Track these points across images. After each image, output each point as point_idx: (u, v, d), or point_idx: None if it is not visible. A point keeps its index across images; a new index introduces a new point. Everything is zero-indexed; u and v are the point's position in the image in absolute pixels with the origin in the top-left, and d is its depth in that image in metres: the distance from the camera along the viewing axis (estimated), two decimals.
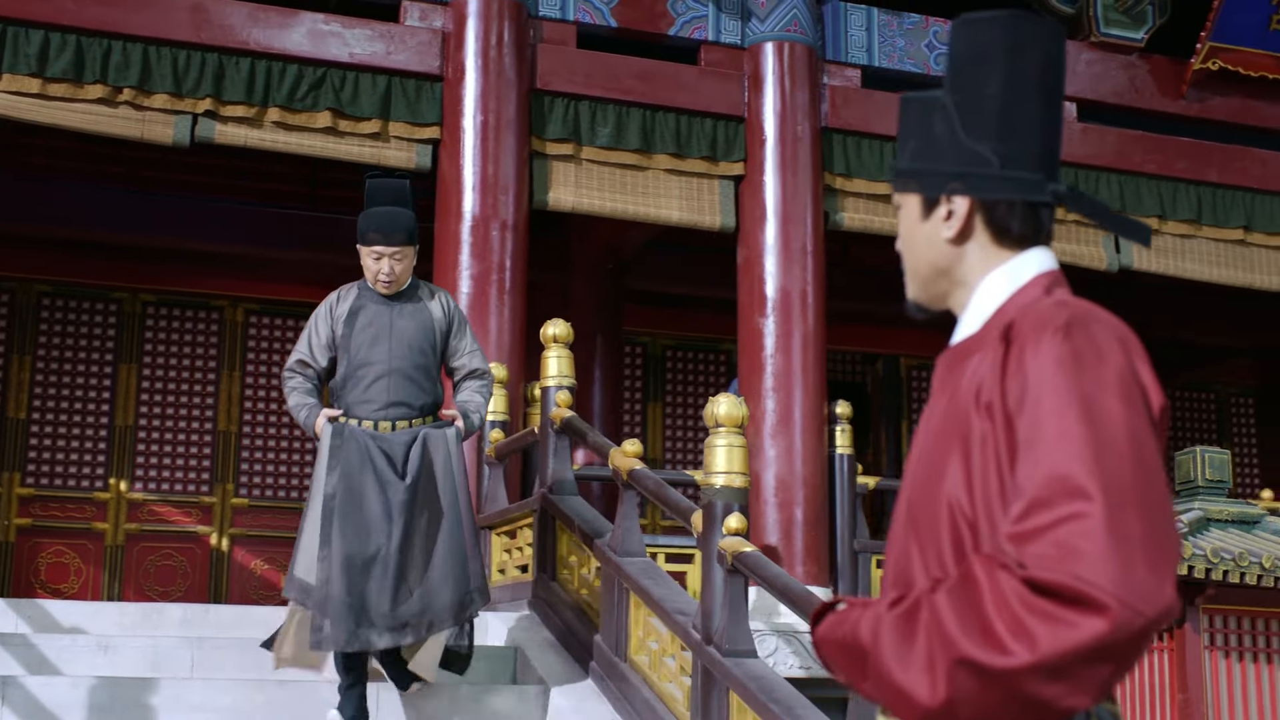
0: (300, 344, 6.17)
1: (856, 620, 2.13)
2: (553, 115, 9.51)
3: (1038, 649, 1.86)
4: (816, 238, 9.82)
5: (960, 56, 2.34)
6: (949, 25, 8.56)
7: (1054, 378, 2.02)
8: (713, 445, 5.97)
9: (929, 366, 15.56)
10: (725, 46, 10.01)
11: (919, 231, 2.33)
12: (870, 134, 10.18)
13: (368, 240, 6.01)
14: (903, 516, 2.26)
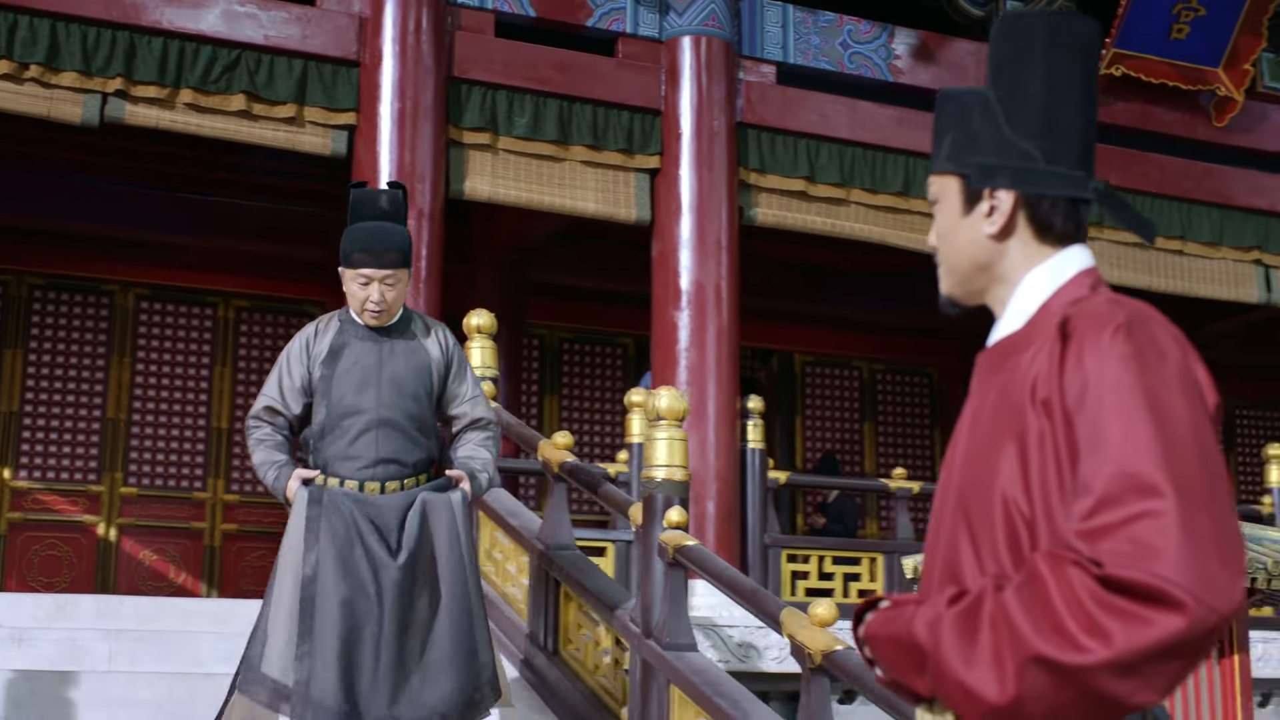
0: (268, 387, 5.16)
1: (910, 617, 2.12)
2: (470, 104, 9.42)
3: (1113, 646, 1.87)
4: (731, 233, 9.84)
5: (1004, 53, 2.35)
6: (863, 24, 8.56)
7: (1118, 376, 2.02)
8: (653, 438, 5.95)
9: (825, 363, 15.71)
10: (643, 39, 9.99)
11: (960, 226, 2.33)
12: (785, 130, 10.22)
13: (353, 262, 5.00)
14: (949, 510, 2.26)
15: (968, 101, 2.35)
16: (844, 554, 9.82)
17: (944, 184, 2.36)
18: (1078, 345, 2.10)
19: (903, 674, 2.16)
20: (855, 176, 10.35)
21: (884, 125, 10.51)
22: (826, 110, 10.37)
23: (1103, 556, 1.90)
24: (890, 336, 15.64)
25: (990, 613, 2.00)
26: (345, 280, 5.06)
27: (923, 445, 16.06)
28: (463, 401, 5.30)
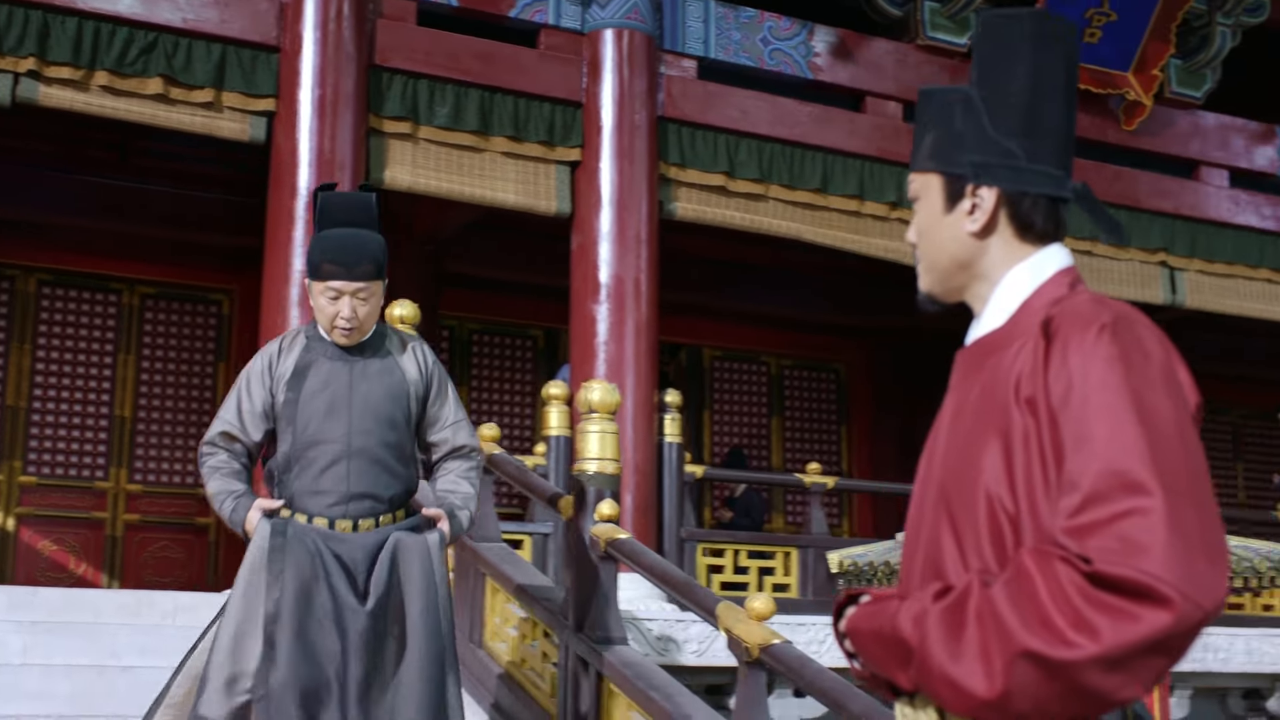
0: (225, 409, 4.64)
1: (894, 612, 2.14)
2: (391, 92, 9.33)
3: (1101, 641, 1.90)
4: (651, 226, 9.84)
5: (987, 52, 2.37)
6: (784, 21, 8.59)
7: (1104, 375, 2.05)
8: (585, 431, 5.94)
9: (733, 357, 15.77)
10: (565, 31, 9.96)
11: (941, 224, 2.34)
12: (705, 125, 10.24)
13: (321, 273, 4.49)
14: (931, 504, 2.28)
15: (949, 100, 2.37)
16: (759, 548, 9.87)
17: (925, 182, 2.37)
18: (1062, 344, 2.12)
19: (885, 668, 2.17)
20: (774, 172, 10.40)
21: (803, 122, 10.56)
22: (747, 106, 10.41)
23: (1091, 553, 1.93)
24: (799, 332, 15.74)
25: (977, 608, 2.02)
26: (312, 294, 4.54)
27: (830, 441, 16.18)
28: (444, 426, 4.74)
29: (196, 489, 12.90)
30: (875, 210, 10.73)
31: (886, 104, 10.94)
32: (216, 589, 11.77)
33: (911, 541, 2.34)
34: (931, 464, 2.34)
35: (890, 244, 10.78)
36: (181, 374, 13.15)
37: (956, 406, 2.32)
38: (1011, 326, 2.27)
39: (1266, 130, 12.54)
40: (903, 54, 11.04)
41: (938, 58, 11.13)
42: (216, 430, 4.64)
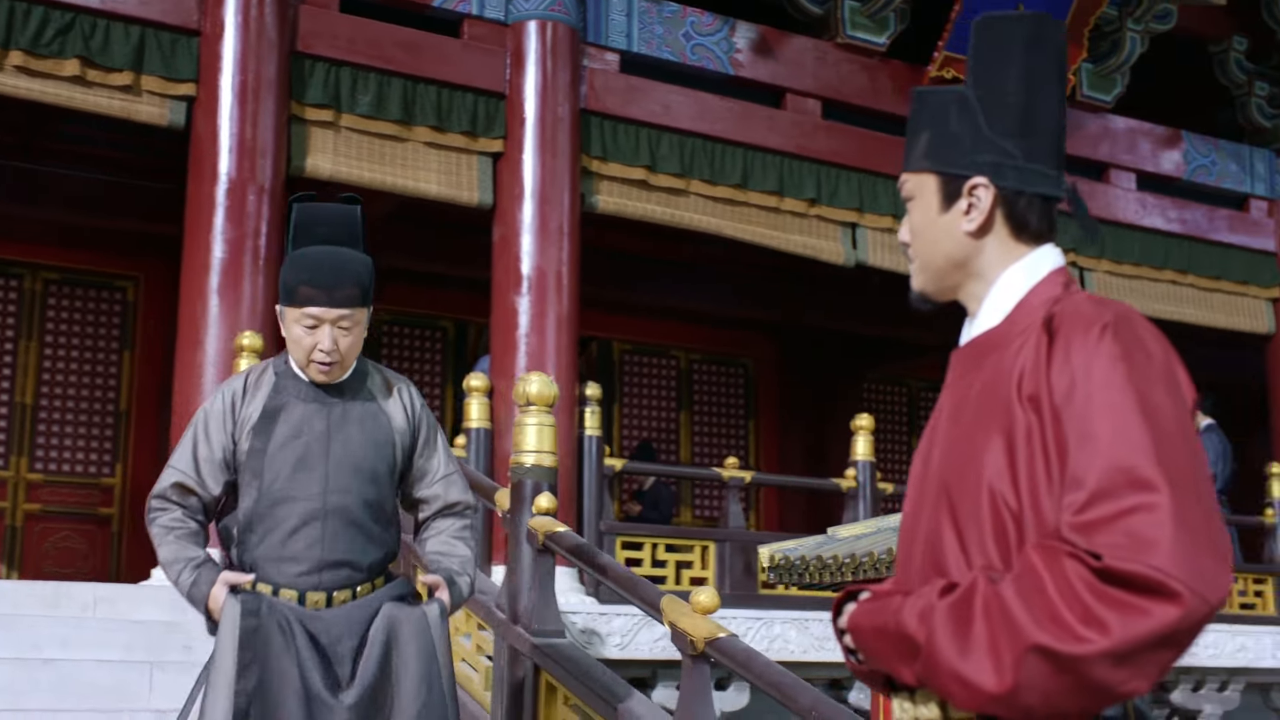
0: (178, 457, 3.98)
1: (898, 609, 2.16)
2: (313, 80, 9.23)
3: (1111, 635, 1.94)
4: (573, 219, 9.83)
5: (984, 52, 2.40)
6: (706, 16, 8.60)
7: (1108, 373, 2.09)
8: (523, 424, 5.92)
9: (643, 351, 15.79)
10: (489, 21, 9.91)
11: (937, 223, 2.37)
12: (628, 119, 10.25)
13: (296, 298, 3.88)
14: (930, 500, 2.30)
15: (944, 101, 2.39)
16: (677, 542, 9.89)
17: (920, 181, 2.40)
18: (1065, 342, 2.15)
19: (889, 663, 2.19)
20: (695, 168, 10.43)
21: (724, 118, 10.60)
22: (669, 101, 10.43)
23: (1100, 548, 1.96)
24: (708, 327, 15.80)
25: (984, 604, 2.04)
26: (285, 322, 3.93)
27: (738, 435, 16.26)
28: (434, 480, 4.12)
29: (100, 479, 12.69)
30: (794, 207, 10.80)
31: (806, 101, 11.01)
32: (119, 580, 11.59)
33: (909, 536, 2.36)
34: (929, 460, 2.35)
35: (809, 240, 10.85)
36: (85, 361, 12.92)
37: (956, 404, 2.34)
38: (1009, 325, 2.30)
39: (1173, 134, 12.79)
40: (822, 52, 11.12)
41: (857, 56, 11.22)
42: (168, 481, 3.95)
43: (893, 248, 11.14)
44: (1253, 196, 13.17)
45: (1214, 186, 12.98)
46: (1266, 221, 13.21)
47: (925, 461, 2.37)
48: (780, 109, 10.93)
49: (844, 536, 6.53)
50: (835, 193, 10.89)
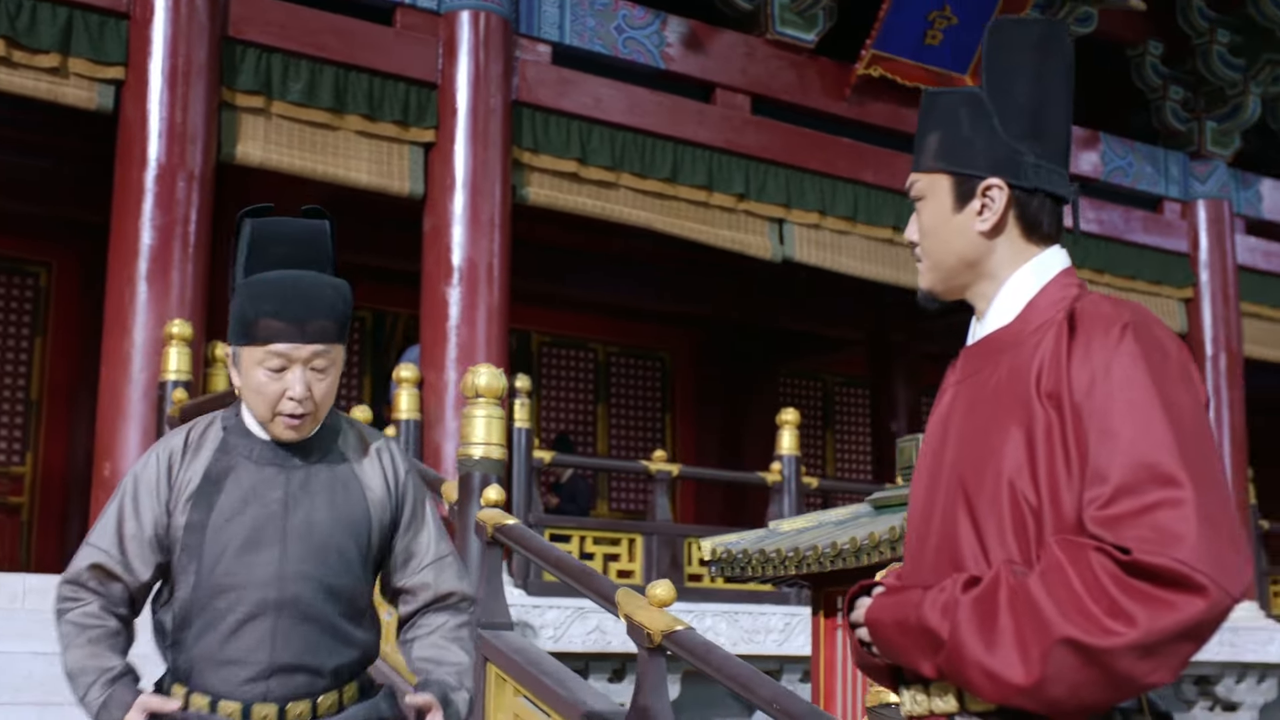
0: (98, 532, 3.12)
1: (919, 602, 2.19)
2: (244, 65, 9.12)
3: (1138, 628, 1.98)
4: (504, 211, 9.80)
5: (996, 56, 2.43)
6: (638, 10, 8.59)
7: (1129, 372, 2.13)
8: (471, 416, 5.90)
9: (561, 344, 15.78)
10: (422, 10, 9.85)
11: (950, 223, 2.40)
12: (559, 111, 10.23)
13: (258, 334, 3.01)
14: (944, 495, 2.32)
15: (954, 102, 2.42)
16: (605, 534, 9.90)
17: (932, 181, 2.42)
18: (1085, 341, 2.19)
19: (908, 657, 2.22)
20: (625, 161, 10.43)
21: (655, 111, 10.62)
22: (600, 93, 10.42)
23: (1128, 542, 2.01)
24: (626, 320, 15.82)
25: (1009, 598, 2.08)
26: (242, 367, 3.06)
27: (654, 428, 16.30)
28: (421, 565, 3.23)
29: (10, 467, 12.47)
30: (723, 202, 10.84)
31: (735, 96, 11.06)
32: (30, 570, 11.39)
33: (921, 530, 2.38)
34: (940, 456, 2.38)
35: (737, 235, 10.90)
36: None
37: (970, 400, 2.36)
38: (1020, 324, 2.34)
39: (1091, 136, 13.00)
40: (752, 48, 11.17)
41: (786, 53, 11.28)
42: (84, 563, 3.08)
43: (819, 243, 11.22)
44: (1166, 199, 13.43)
45: (1130, 188, 13.21)
46: (1179, 223, 13.47)
47: (936, 457, 2.40)
48: (710, 104, 10.97)
49: (785, 530, 6.56)
50: (763, 188, 10.95)
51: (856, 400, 17.46)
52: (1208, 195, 13.49)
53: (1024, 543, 2.18)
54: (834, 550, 5.94)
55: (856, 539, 5.81)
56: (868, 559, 5.82)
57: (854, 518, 6.38)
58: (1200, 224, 13.44)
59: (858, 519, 6.32)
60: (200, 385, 8.51)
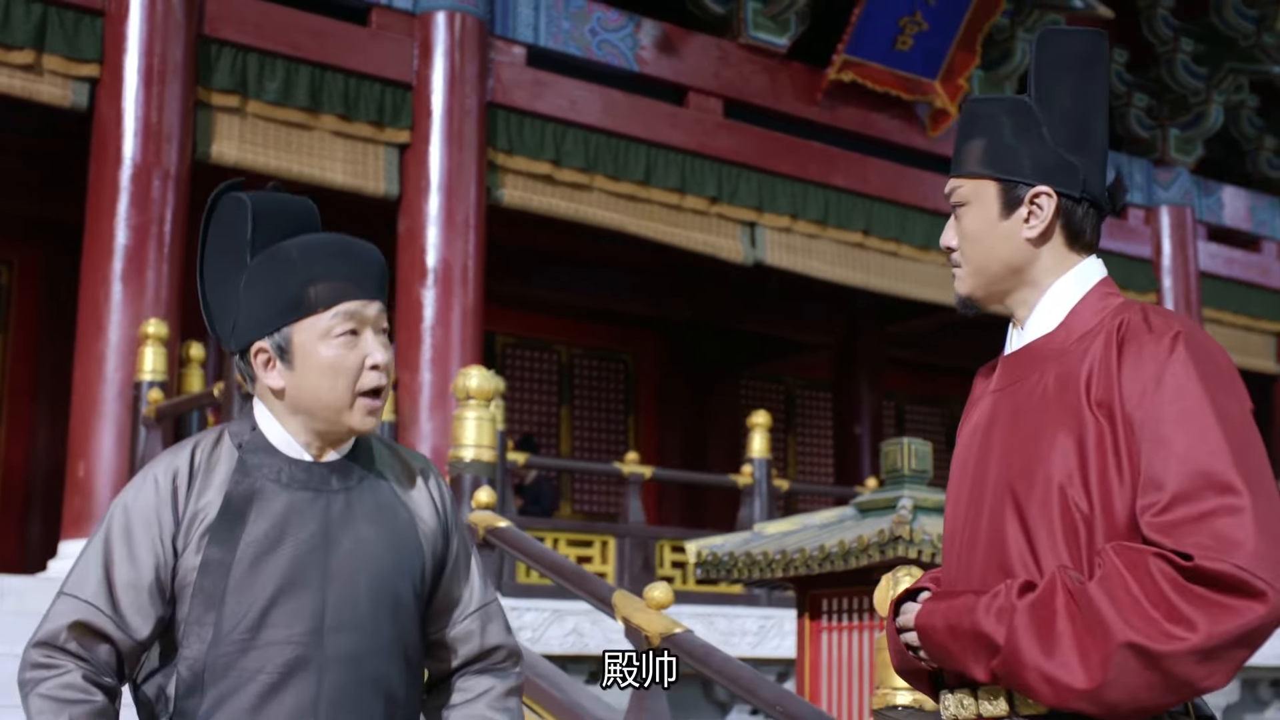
0: (80, 579, 2.44)
1: (972, 607, 2.21)
2: (220, 64, 9.07)
3: (1198, 632, 2.02)
4: (479, 212, 9.79)
5: (1044, 66, 2.44)
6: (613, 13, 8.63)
7: (1182, 381, 2.17)
8: (462, 418, 5.90)
9: (525, 345, 15.76)
10: (397, 11, 9.83)
11: (996, 229, 2.39)
12: (534, 113, 10.23)
13: (321, 297, 2.42)
14: (991, 500, 2.32)
15: (998, 110, 2.43)
16: (578, 536, 9.91)
17: (978, 187, 2.41)
18: (1136, 350, 2.22)
19: (960, 661, 2.23)
20: (599, 163, 10.45)
21: (628, 114, 10.64)
22: (575, 95, 10.43)
23: (1190, 548, 2.04)
24: (590, 322, 15.83)
25: (1066, 603, 2.11)
26: (296, 351, 2.43)
27: (617, 429, 16.31)
28: (466, 613, 2.60)
29: None
30: (695, 205, 10.87)
31: (708, 100, 11.09)
32: None
33: (966, 536, 2.39)
34: (983, 463, 2.38)
35: (709, 238, 10.93)
36: None
37: (1014, 408, 2.37)
38: (1064, 333, 2.35)
39: None
40: (725, 51, 11.21)
41: (759, 57, 11.33)
42: (63, 621, 2.39)
43: (790, 247, 11.27)
44: (1131, 205, 13.56)
45: None
46: (1143, 229, 13.62)
47: (978, 464, 2.40)
48: (683, 107, 11.00)
49: (770, 533, 6.59)
50: (735, 191, 10.99)
51: (819, 403, 17.53)
52: (1170, 201, 13.64)
53: (1075, 549, 2.21)
54: (822, 553, 5.97)
55: (845, 542, 5.85)
56: (856, 562, 5.86)
57: (839, 521, 6.42)
58: (1163, 230, 13.58)
59: (843, 522, 6.36)
60: (175, 386, 8.46)
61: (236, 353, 2.50)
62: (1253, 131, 14.53)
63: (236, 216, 2.48)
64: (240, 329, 2.47)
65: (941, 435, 17.73)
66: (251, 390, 2.52)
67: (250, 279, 2.45)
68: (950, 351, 16.86)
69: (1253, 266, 14.46)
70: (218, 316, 2.52)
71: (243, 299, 2.45)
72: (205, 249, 2.54)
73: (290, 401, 2.46)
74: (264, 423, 2.50)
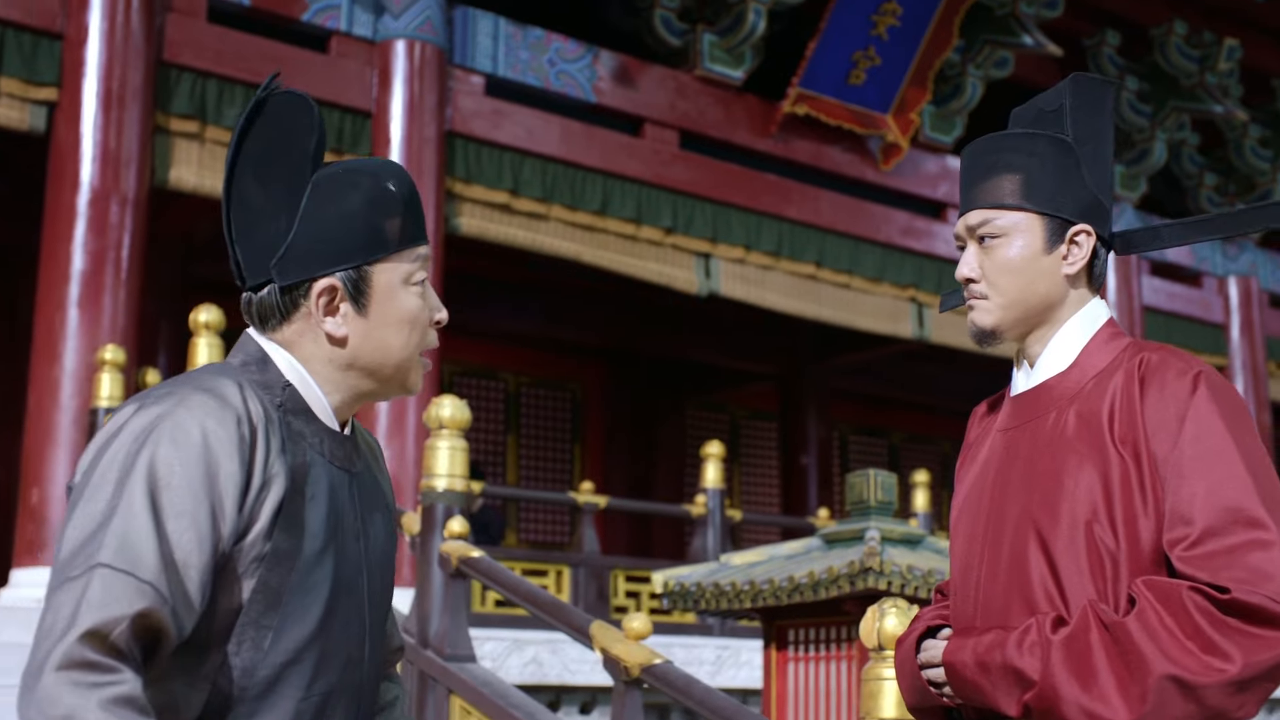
0: (124, 552, 1.79)
1: (1002, 643, 2.24)
2: (179, 90, 9.03)
3: (1235, 664, 2.08)
4: (438, 241, 9.79)
5: (1080, 108, 2.47)
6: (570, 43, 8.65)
7: (1207, 419, 2.23)
8: (435, 447, 5.89)
9: (472, 374, 15.73)
10: (357, 39, 9.82)
11: (1039, 263, 2.40)
12: (492, 142, 10.24)
13: (405, 234, 2.05)
14: (1011, 535, 2.36)
15: (1038, 146, 2.42)
16: (533, 566, 9.89)
17: (1017, 221, 2.40)
18: (1158, 389, 2.27)
19: (989, 696, 2.25)
20: (556, 192, 10.47)
21: (585, 144, 10.67)
22: (532, 125, 10.46)
23: (1226, 582, 2.10)
24: (537, 351, 15.82)
25: (1101, 637, 2.15)
26: (375, 294, 2.04)
27: (563, 459, 16.30)
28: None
29: None
30: (651, 235, 10.92)
31: (664, 131, 11.15)
32: None
33: (987, 572, 2.40)
34: (999, 499, 2.41)
35: (664, 269, 10.97)
36: None
37: (1031, 446, 2.40)
38: (1078, 373, 2.39)
39: None
40: (681, 83, 11.27)
41: (715, 89, 11.40)
42: (124, 609, 1.78)
43: (744, 278, 11.34)
44: None
45: None
46: None
47: (993, 501, 2.43)
48: (639, 138, 11.05)
49: (737, 564, 6.61)
50: (690, 222, 11.04)
51: (764, 434, 17.59)
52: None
53: (1101, 582, 2.25)
54: (792, 584, 6.00)
55: (815, 573, 5.87)
56: (826, 593, 5.89)
57: (805, 552, 6.45)
58: (1108, 264, 13.75)
59: (809, 553, 6.39)
60: None
61: (279, 285, 2.01)
62: (1194, 169, 14.77)
63: (297, 121, 2.06)
64: (298, 257, 2.00)
65: (885, 466, 17.83)
66: (265, 332, 2.05)
67: (322, 199, 2.01)
68: (895, 383, 17.00)
69: (1194, 301, 14.68)
70: (249, 235, 2.02)
71: (307, 222, 2.00)
72: (241, 152, 2.05)
73: (350, 353, 2.04)
74: (296, 379, 2.03)
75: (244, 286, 2.03)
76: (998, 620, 2.33)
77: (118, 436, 1.88)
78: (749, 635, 9.40)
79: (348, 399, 2.07)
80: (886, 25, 11.47)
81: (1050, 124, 2.45)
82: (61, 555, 1.83)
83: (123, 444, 1.86)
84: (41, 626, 1.80)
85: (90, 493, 1.85)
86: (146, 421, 1.87)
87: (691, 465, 15.19)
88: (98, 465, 1.87)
